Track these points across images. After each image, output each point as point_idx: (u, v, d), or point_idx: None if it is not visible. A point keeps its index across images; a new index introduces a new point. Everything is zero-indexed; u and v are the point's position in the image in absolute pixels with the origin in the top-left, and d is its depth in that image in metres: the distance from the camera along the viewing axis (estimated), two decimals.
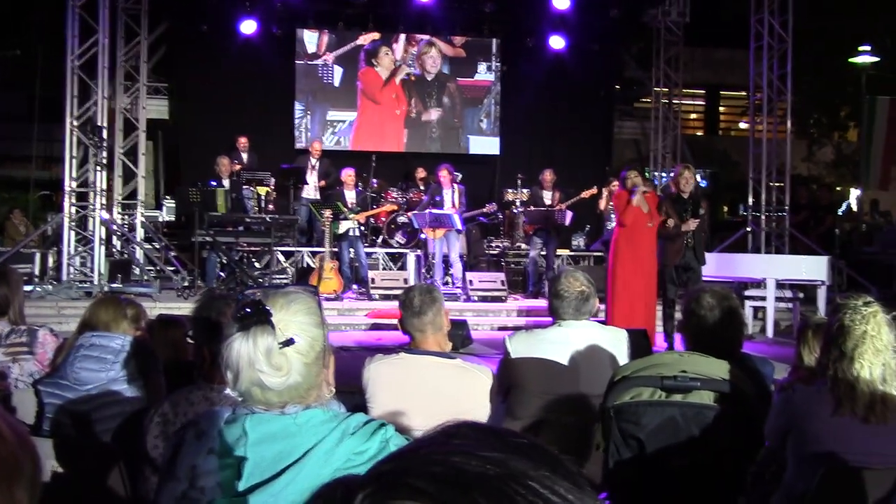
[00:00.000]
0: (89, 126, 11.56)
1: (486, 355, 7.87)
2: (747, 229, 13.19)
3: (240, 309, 1.68)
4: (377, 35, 14.73)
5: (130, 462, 2.69)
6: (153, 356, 3.33)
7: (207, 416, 1.79)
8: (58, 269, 11.65)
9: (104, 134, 11.60)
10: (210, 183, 11.53)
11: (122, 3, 12.85)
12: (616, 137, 17.15)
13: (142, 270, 12.09)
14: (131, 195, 13.18)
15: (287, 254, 12.39)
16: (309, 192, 12.85)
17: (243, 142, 13.28)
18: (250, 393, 1.68)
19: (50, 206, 16.37)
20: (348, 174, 11.97)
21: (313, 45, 14.66)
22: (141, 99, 13.28)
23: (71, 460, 2.74)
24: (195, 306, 2.93)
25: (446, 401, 3.13)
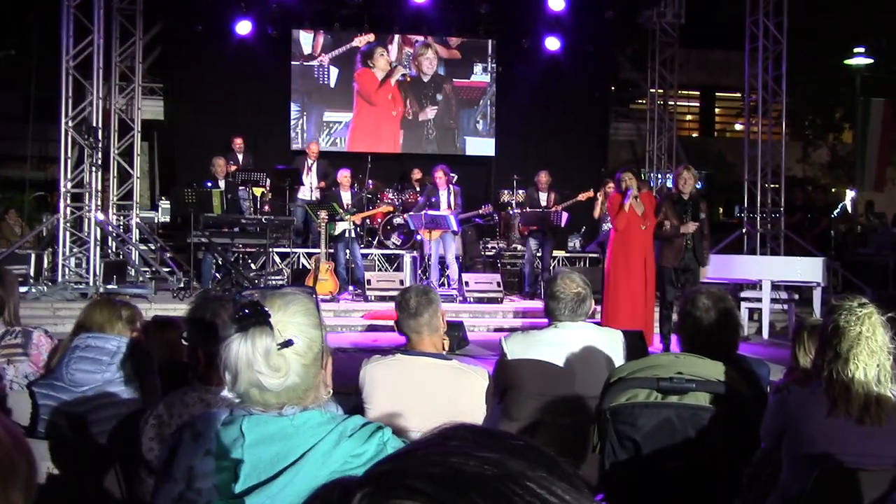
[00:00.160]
0: (84, 127, 11.55)
1: (482, 357, 7.88)
2: (742, 231, 13.20)
3: (238, 310, 1.68)
4: (372, 37, 14.72)
5: (126, 464, 2.68)
6: (149, 358, 3.33)
7: (204, 418, 1.78)
8: (53, 270, 11.63)
9: (99, 134, 11.59)
10: (206, 184, 11.51)
11: (118, 4, 12.82)
12: (611, 139, 17.16)
13: (137, 272, 12.07)
14: (127, 196, 13.14)
15: (283, 255, 12.38)
16: (305, 194, 12.84)
17: (239, 142, 13.25)
18: (249, 394, 1.68)
19: (45, 207, 16.34)
20: (344, 175, 11.97)
21: (308, 46, 14.64)
22: (136, 99, 13.24)
23: (66, 462, 2.73)
24: (190, 307, 2.93)
25: (442, 402, 3.13)
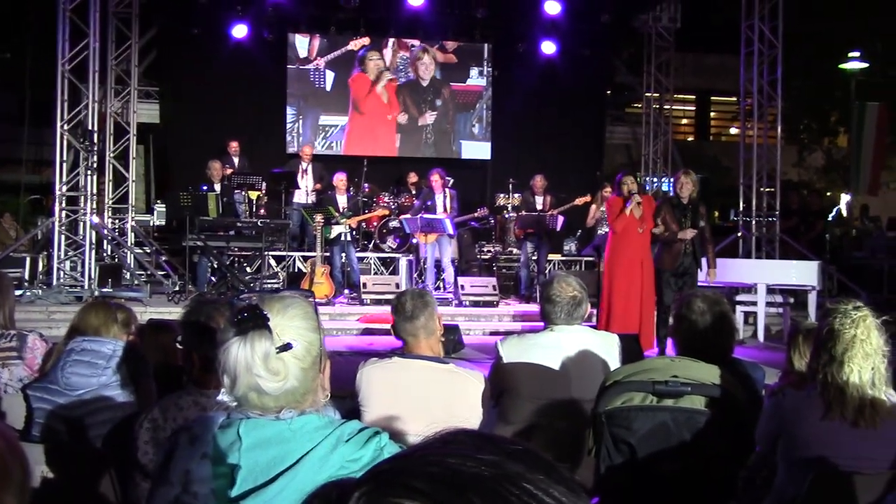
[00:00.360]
0: (80, 130, 11.52)
1: (478, 360, 7.87)
2: (738, 234, 13.22)
3: (237, 313, 1.68)
4: (368, 41, 14.73)
5: (121, 468, 2.68)
6: (144, 361, 3.32)
7: (201, 421, 1.78)
8: (48, 274, 11.60)
9: (95, 138, 11.57)
10: (201, 187, 11.50)
11: (113, 7, 12.83)
12: (607, 142, 17.19)
13: (132, 275, 12.05)
14: (122, 199, 13.14)
15: (278, 258, 12.37)
16: (300, 197, 12.83)
17: (234, 146, 13.24)
18: (247, 398, 1.67)
19: (40, 210, 16.32)
20: (340, 179, 11.96)
21: (304, 50, 14.64)
22: (132, 103, 13.25)
23: (61, 466, 2.72)
24: (185, 311, 2.92)
25: (438, 405, 3.13)
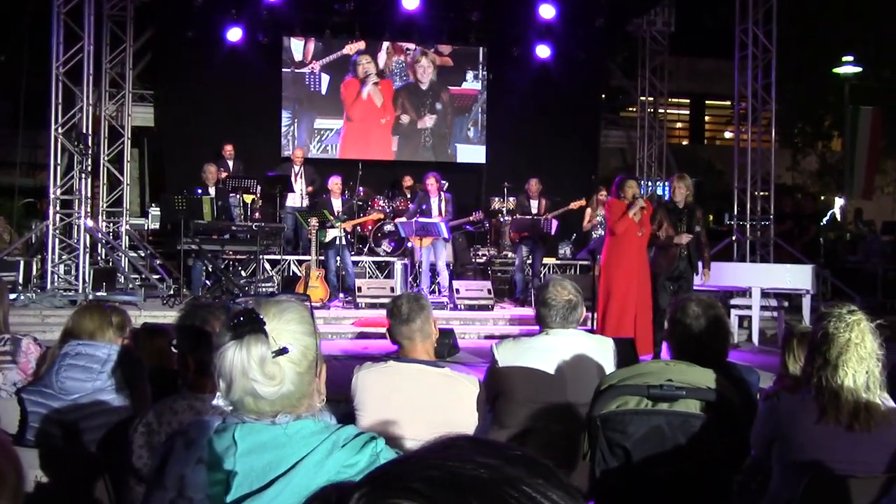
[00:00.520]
0: (74, 133, 11.51)
1: (473, 364, 7.87)
2: (732, 238, 13.24)
3: (233, 317, 1.67)
4: (363, 45, 14.73)
5: (115, 472, 2.67)
6: (139, 365, 3.31)
7: (197, 425, 1.77)
8: (42, 278, 11.58)
9: (89, 141, 11.55)
10: (196, 191, 11.48)
11: (108, 10, 12.82)
12: (602, 146, 17.20)
13: (126, 279, 12.03)
14: (116, 203, 13.11)
15: (273, 262, 12.35)
16: (295, 200, 12.82)
17: (229, 149, 13.23)
18: (243, 402, 1.67)
19: (34, 214, 16.27)
20: (335, 182, 11.95)
21: (300, 53, 14.64)
22: (126, 106, 13.23)
23: (56, 470, 2.71)
24: (180, 315, 2.92)
25: (434, 409, 3.12)
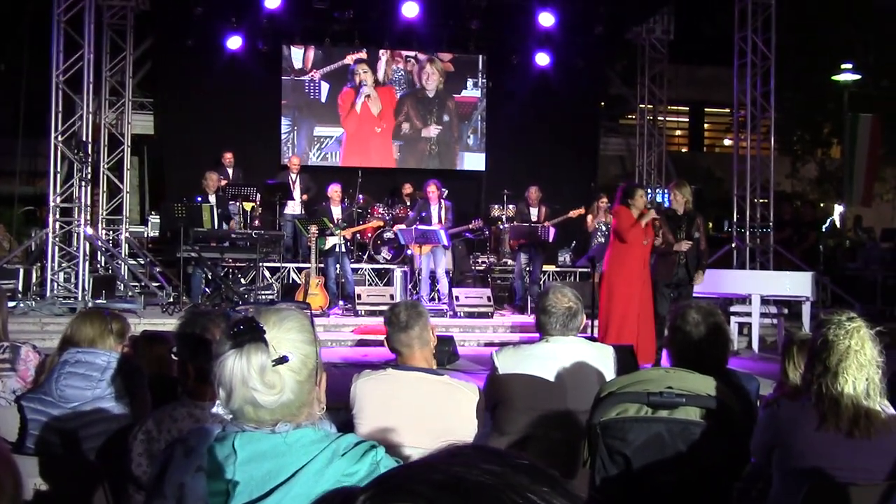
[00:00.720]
0: (74, 141, 11.52)
1: (473, 371, 7.86)
2: (732, 245, 13.24)
3: (233, 326, 1.67)
4: (364, 54, 14.75)
5: (115, 480, 2.66)
6: (139, 372, 3.30)
7: (196, 434, 1.77)
8: (41, 285, 11.57)
9: (89, 149, 11.56)
10: (196, 198, 11.49)
11: (108, 19, 12.84)
12: (601, 154, 17.23)
13: (126, 286, 12.02)
14: (116, 210, 13.11)
15: (273, 269, 12.35)
16: (294, 208, 12.83)
17: (228, 157, 13.24)
18: (243, 411, 1.66)
19: (34, 222, 16.26)
20: (334, 190, 11.96)
21: (299, 61, 14.65)
22: (126, 114, 13.24)
23: (55, 478, 2.71)
24: (180, 322, 2.92)
25: (433, 417, 3.11)
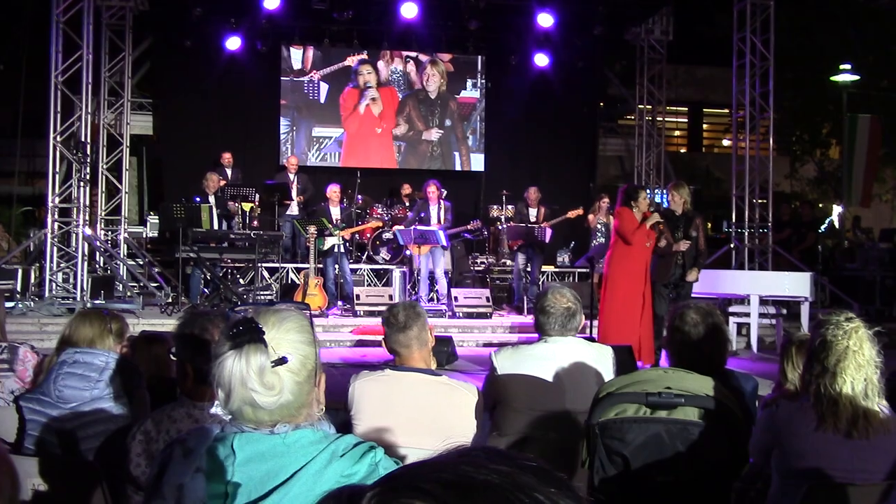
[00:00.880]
0: (73, 142, 11.51)
1: (472, 372, 7.86)
2: (731, 246, 13.25)
3: (232, 326, 1.66)
4: (365, 55, 14.75)
5: (113, 480, 2.66)
6: (137, 373, 3.30)
7: (195, 434, 1.76)
8: (40, 286, 11.57)
9: (88, 149, 11.55)
10: (194, 199, 11.48)
11: (107, 19, 12.84)
12: (600, 154, 17.23)
13: (125, 287, 12.02)
14: (115, 211, 13.11)
15: (271, 270, 12.35)
16: (293, 209, 12.82)
17: (227, 157, 13.24)
18: (241, 411, 1.66)
19: (32, 222, 16.25)
20: (333, 190, 11.95)
21: (299, 62, 14.66)
22: (125, 114, 13.24)
23: (54, 478, 2.71)
24: (179, 323, 2.91)
25: (432, 418, 3.11)
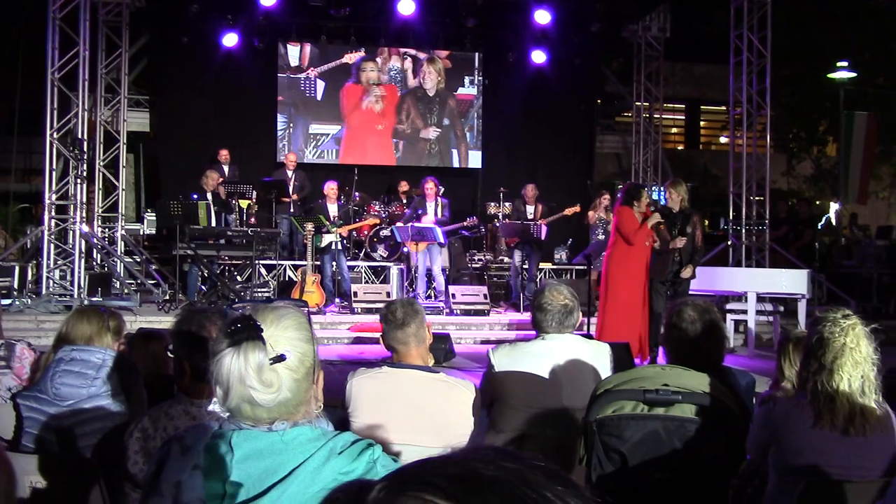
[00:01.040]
0: (70, 138, 11.49)
1: (469, 369, 7.87)
2: (728, 243, 13.26)
3: (230, 324, 1.66)
4: (362, 53, 14.73)
5: (111, 478, 2.66)
6: (134, 370, 3.30)
7: (193, 431, 1.76)
8: (37, 283, 11.55)
9: (84, 146, 11.53)
10: (191, 196, 11.47)
11: (103, 16, 12.82)
12: (597, 151, 17.24)
13: (122, 284, 12.01)
14: (112, 208, 13.10)
15: (269, 267, 12.34)
16: (291, 206, 12.81)
17: (224, 154, 13.23)
18: (240, 409, 1.66)
19: (29, 219, 16.24)
20: (331, 187, 11.94)
21: (296, 59, 14.64)
22: (122, 111, 13.22)
23: (52, 476, 2.71)
24: (176, 320, 2.91)
25: (429, 415, 3.11)
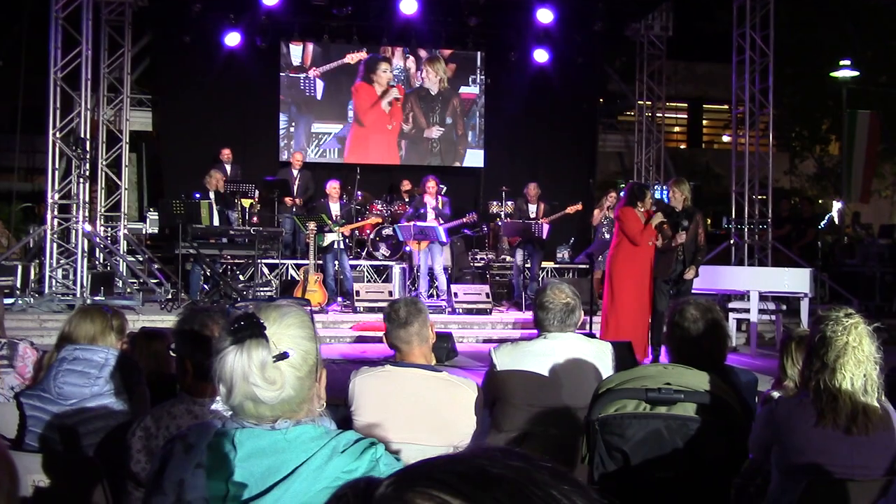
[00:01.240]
0: (72, 138, 11.50)
1: (471, 368, 7.87)
2: (730, 242, 13.25)
3: (233, 322, 1.67)
4: (364, 54, 14.71)
5: (114, 476, 2.66)
6: (137, 369, 3.30)
7: (196, 430, 1.76)
8: (40, 282, 11.57)
9: (87, 146, 11.55)
10: (194, 195, 11.47)
11: (106, 15, 12.82)
12: (600, 150, 17.22)
13: (125, 283, 12.01)
14: (114, 207, 13.11)
15: (271, 266, 12.35)
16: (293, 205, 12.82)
17: (227, 154, 13.23)
18: (243, 407, 1.66)
19: (32, 218, 16.24)
20: (333, 186, 11.95)
21: (298, 58, 14.63)
22: (124, 110, 13.23)
23: (55, 475, 2.71)
24: (178, 319, 2.91)
25: (432, 413, 3.11)
